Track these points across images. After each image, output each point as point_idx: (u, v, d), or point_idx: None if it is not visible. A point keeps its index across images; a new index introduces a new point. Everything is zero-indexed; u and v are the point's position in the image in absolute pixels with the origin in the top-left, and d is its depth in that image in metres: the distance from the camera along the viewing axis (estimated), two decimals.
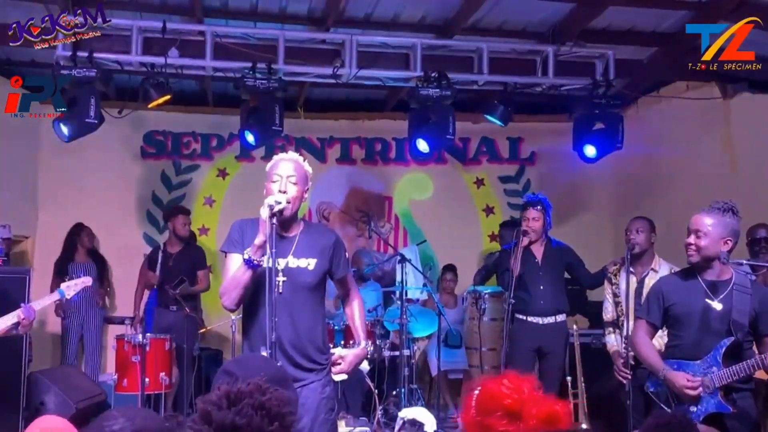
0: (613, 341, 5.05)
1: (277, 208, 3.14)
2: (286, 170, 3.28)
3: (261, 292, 3.13)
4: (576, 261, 5.63)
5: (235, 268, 3.25)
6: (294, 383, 3.04)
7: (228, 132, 7.71)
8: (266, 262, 3.11)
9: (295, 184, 3.27)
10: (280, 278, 3.20)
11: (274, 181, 3.26)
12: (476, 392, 1.84)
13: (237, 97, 5.96)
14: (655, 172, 7.33)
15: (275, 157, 3.40)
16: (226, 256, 3.36)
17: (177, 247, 6.85)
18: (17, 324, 4.49)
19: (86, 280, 4.94)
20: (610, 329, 5.10)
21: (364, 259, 7.16)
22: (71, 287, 4.80)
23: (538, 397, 1.79)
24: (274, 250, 3.07)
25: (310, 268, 3.30)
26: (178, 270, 6.59)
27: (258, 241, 3.12)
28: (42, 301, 4.92)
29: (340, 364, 3.40)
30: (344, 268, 3.48)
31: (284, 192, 3.22)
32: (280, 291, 3.17)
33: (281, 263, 3.23)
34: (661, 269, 4.83)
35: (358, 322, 3.58)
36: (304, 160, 3.41)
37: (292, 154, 3.42)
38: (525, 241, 5.39)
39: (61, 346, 7.07)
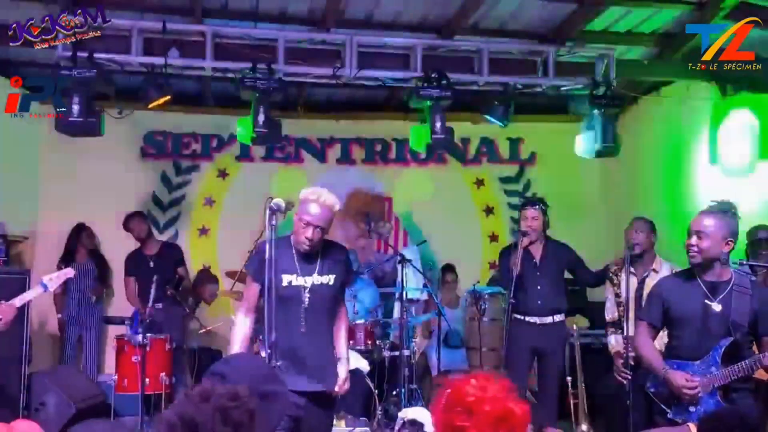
0: (614, 342, 5.05)
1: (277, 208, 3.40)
2: (315, 219, 3.54)
3: (289, 307, 3.50)
4: (576, 259, 5.62)
5: (251, 297, 3.69)
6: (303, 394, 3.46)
7: (228, 132, 7.71)
8: (270, 274, 3.36)
9: (321, 229, 3.57)
10: (307, 295, 3.57)
11: (303, 225, 3.55)
12: (448, 391, 1.92)
13: (237, 97, 5.95)
14: (654, 172, 7.33)
15: (307, 196, 3.59)
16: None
17: (154, 249, 6.90)
18: None
19: (68, 272, 4.87)
20: (612, 329, 5.10)
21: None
22: (53, 279, 4.73)
23: (500, 396, 1.82)
24: (272, 251, 3.17)
25: (331, 283, 3.65)
26: (159, 270, 6.61)
27: None
28: (24, 296, 4.81)
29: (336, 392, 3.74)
30: (349, 280, 3.97)
31: (311, 239, 3.54)
32: (306, 305, 3.55)
33: (308, 281, 3.60)
34: (662, 270, 4.82)
35: (343, 337, 3.87)
36: (335, 201, 3.64)
37: (325, 198, 3.59)
38: (525, 241, 5.39)
39: (60, 346, 7.07)
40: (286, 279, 3.58)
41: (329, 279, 3.66)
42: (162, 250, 6.95)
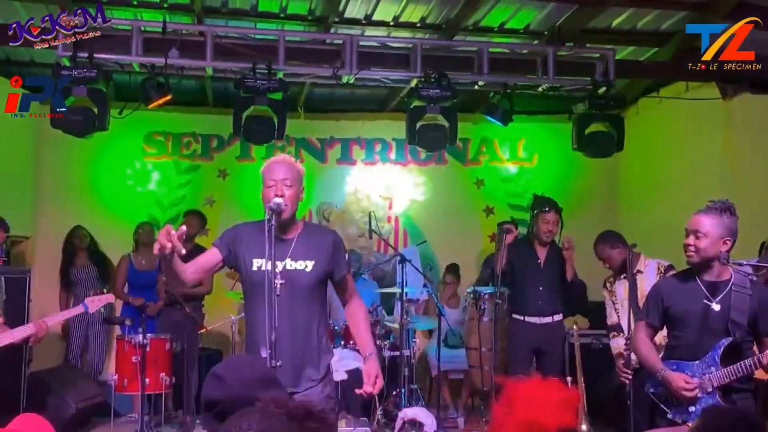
0: (616, 345, 5.10)
1: (277, 208, 3.18)
2: (280, 173, 3.30)
3: (260, 294, 3.12)
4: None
5: (203, 257, 3.51)
6: (293, 388, 3.15)
7: (228, 132, 7.70)
8: (265, 265, 3.13)
9: (290, 186, 3.28)
10: (278, 281, 3.17)
11: (269, 186, 3.28)
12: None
13: (237, 97, 5.96)
14: (654, 172, 7.34)
15: (267, 162, 3.42)
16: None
17: (186, 248, 6.89)
18: (28, 337, 4.53)
19: (109, 297, 5.04)
20: (615, 333, 5.14)
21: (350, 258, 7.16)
22: (95, 302, 4.89)
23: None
24: (273, 251, 3.08)
25: (308, 269, 3.31)
26: None
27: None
28: (62, 314, 5.08)
29: (369, 391, 3.38)
30: (343, 268, 3.46)
31: (281, 195, 3.24)
32: (278, 294, 3.14)
33: (279, 266, 3.22)
34: (647, 268, 4.94)
35: (363, 333, 3.52)
36: (297, 160, 3.45)
37: (283, 156, 3.45)
38: (509, 238, 5.44)
39: (65, 345, 7.06)
40: (255, 263, 3.27)
41: (305, 265, 3.29)
42: (191, 252, 6.92)
